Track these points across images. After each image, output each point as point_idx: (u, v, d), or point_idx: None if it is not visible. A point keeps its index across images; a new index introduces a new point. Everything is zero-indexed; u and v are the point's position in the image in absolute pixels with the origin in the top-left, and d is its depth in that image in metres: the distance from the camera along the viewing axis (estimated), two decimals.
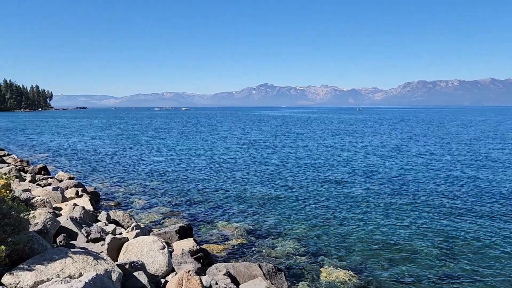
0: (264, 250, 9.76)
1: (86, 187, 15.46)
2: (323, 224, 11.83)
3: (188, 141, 39.84)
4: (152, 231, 10.21)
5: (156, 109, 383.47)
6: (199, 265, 7.66)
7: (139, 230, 8.90)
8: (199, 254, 8.26)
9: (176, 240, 9.39)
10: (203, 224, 11.92)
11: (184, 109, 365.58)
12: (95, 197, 14.42)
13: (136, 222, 10.86)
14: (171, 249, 8.67)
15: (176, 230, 9.65)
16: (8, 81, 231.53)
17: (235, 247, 10.02)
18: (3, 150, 29.89)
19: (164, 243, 7.26)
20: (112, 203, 14.32)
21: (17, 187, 11.85)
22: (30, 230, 6.30)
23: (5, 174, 14.64)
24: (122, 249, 7.11)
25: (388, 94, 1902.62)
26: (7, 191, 5.94)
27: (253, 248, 9.91)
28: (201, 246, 9.12)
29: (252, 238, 10.70)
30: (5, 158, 24.05)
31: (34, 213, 7.06)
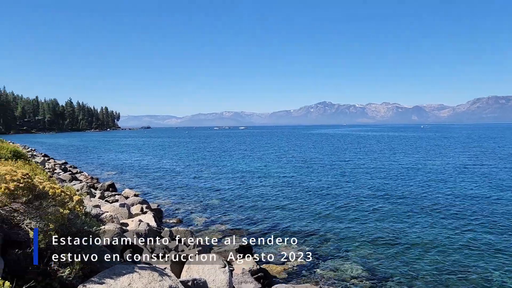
0: (325, 272, 9.50)
1: (150, 204, 16.06)
2: (388, 246, 11.31)
3: (245, 159, 40.30)
4: (213, 248, 10.33)
5: (215, 128, 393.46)
6: (260, 286, 7.60)
7: (200, 248, 9.03)
8: (259, 274, 8.21)
9: (236, 259, 9.41)
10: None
11: (242, 128, 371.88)
12: (158, 214, 14.90)
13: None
14: (231, 268, 8.69)
15: (236, 249, 9.68)
16: (81, 103, 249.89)
17: (295, 267, 9.84)
18: (76, 168, 32.05)
19: (225, 262, 7.30)
20: (174, 220, 14.72)
21: (88, 203, 12.55)
22: (100, 244, 6.60)
23: (77, 190, 15.63)
24: (184, 266, 7.24)
25: (456, 110, 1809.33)
26: (81, 207, 6.29)
27: (314, 270, 9.68)
28: (261, 266, 9.07)
29: (312, 258, 10.45)
30: (77, 175, 25.74)
31: (104, 228, 7.42)
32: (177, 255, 7.37)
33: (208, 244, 11.37)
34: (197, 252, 8.56)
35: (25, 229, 4.83)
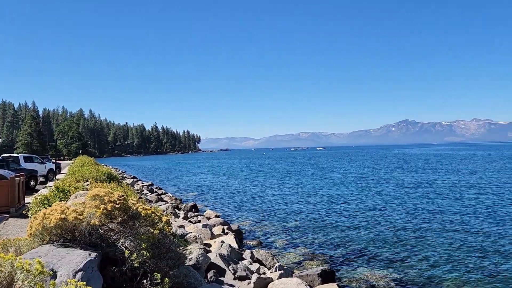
0: None
1: (230, 225, 16.35)
2: (482, 276, 10.27)
3: (323, 181, 39.61)
4: (294, 272, 10.17)
5: (292, 149, 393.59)
6: None
7: (282, 271, 8.93)
8: None
9: (319, 284, 9.15)
10: (344, 268, 11.44)
11: (320, 148, 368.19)
12: (239, 235, 15.09)
13: (278, 262, 10.95)
14: None
15: (318, 273, 9.42)
16: (165, 128, 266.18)
17: None
18: (161, 189, 33.85)
19: (308, 286, 7.12)
20: (254, 242, 14.79)
21: (173, 223, 13.11)
22: (186, 264, 6.82)
23: (164, 211, 16.44)
24: None
25: None
26: (169, 227, 6.56)
27: None
28: None
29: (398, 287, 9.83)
30: (163, 196, 27.15)
31: (190, 248, 7.66)
32: (260, 277, 7.36)
33: (289, 267, 11.22)
34: (279, 275, 8.48)
35: (120, 248, 5.13)
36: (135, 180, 40.53)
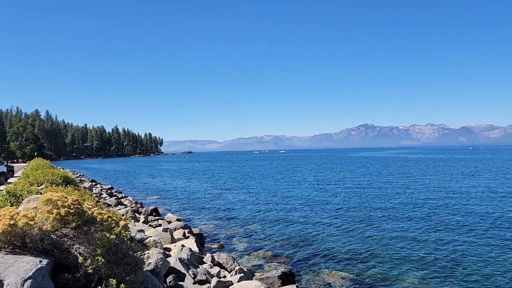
0: None
1: (192, 228, 16.19)
2: (439, 276, 10.72)
3: (285, 183, 40.02)
4: (255, 275, 10.20)
5: (255, 152, 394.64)
6: None
7: (242, 274, 8.94)
8: None
9: (279, 286, 9.23)
10: (305, 269, 11.60)
11: (282, 151, 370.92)
12: (200, 239, 14.97)
13: (239, 265, 10.96)
14: None
15: (278, 276, 9.51)
16: (126, 130, 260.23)
17: None
18: (121, 192, 33.06)
19: None
20: (216, 245, 14.73)
21: (133, 228, 12.83)
22: (144, 269, 6.69)
23: (123, 215, 16.05)
24: None
25: (507, 131, 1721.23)
26: (126, 232, 6.42)
27: None
28: None
29: (357, 286, 10.08)
30: (122, 200, 26.49)
31: (148, 253, 7.52)
32: (219, 281, 7.33)
33: (250, 270, 11.25)
34: (239, 278, 8.49)
35: (74, 254, 4.98)
36: (93, 183, 39.33)
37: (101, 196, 27.46)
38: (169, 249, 11.56)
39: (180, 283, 8.19)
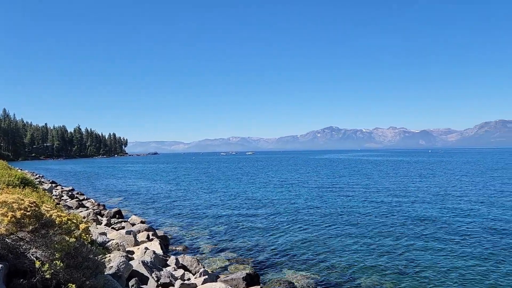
0: None
1: (156, 231, 15.95)
2: (398, 273, 11.06)
3: (251, 185, 40.13)
4: (219, 277, 10.17)
5: (222, 153, 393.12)
6: None
7: (206, 276, 8.90)
8: None
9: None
10: (270, 271, 11.68)
11: (249, 153, 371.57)
12: (164, 241, 14.77)
13: (204, 267, 10.90)
14: None
15: (243, 277, 9.52)
16: (89, 130, 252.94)
17: None
18: (83, 194, 32.11)
19: None
20: (180, 248, 14.57)
21: (94, 231, 12.50)
22: (105, 273, 6.54)
23: (84, 218, 15.61)
24: None
25: (463, 135, 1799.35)
26: (87, 235, 6.27)
27: None
28: None
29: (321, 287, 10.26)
30: (84, 202, 25.74)
31: (109, 256, 7.36)
32: (183, 284, 7.27)
33: (215, 272, 11.22)
34: (203, 281, 8.44)
35: (30, 258, 4.80)
36: (53, 185, 38.00)
37: (62, 198, 26.59)
38: (132, 252, 11.35)
39: (143, 286, 8.07)
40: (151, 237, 14.09)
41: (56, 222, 5.43)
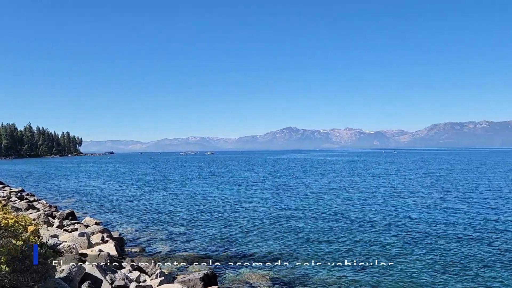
0: None
1: (111, 232, 15.54)
2: (354, 270, 11.40)
3: (210, 185, 39.96)
4: (176, 278, 10.07)
5: (181, 153, 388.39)
6: None
7: (163, 278, 8.79)
8: None
9: None
10: (227, 271, 11.69)
11: (209, 153, 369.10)
12: (120, 243, 14.43)
13: (160, 269, 10.75)
14: None
15: (200, 278, 9.48)
16: (41, 128, 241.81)
17: None
18: (34, 195, 30.70)
19: None
20: (137, 249, 14.28)
21: (45, 233, 12.01)
22: (56, 277, 6.32)
23: (34, 220, 14.94)
24: None
25: (415, 136, 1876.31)
26: (36, 238, 6.02)
27: None
28: None
29: (278, 286, 10.38)
30: (34, 203, 24.63)
31: (60, 259, 7.11)
32: (138, 286, 7.15)
33: (172, 273, 11.09)
34: (159, 282, 8.34)
35: None
36: (1, 186, 36.07)
37: (10, 199, 25.29)
38: (85, 255, 10.99)
39: None
40: (105, 238, 13.71)
41: (2, 225, 5.19)
